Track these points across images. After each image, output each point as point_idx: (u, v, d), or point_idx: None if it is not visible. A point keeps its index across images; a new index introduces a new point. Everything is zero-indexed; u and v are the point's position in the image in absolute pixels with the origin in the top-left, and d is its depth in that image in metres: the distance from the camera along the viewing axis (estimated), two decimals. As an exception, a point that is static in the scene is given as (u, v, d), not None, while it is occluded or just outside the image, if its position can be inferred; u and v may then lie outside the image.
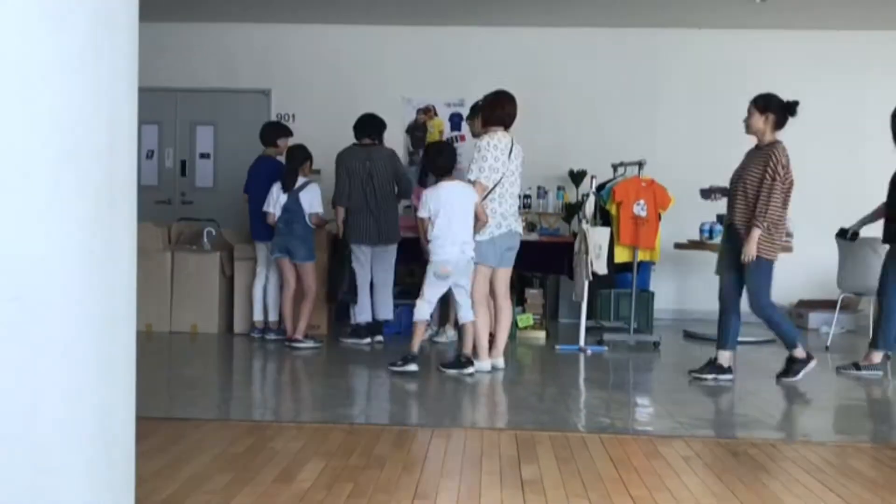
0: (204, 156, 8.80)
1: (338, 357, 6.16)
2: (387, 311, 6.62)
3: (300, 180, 6.33)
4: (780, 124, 5.28)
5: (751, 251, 5.13)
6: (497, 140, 5.38)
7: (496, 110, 5.48)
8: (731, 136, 8.27)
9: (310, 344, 6.31)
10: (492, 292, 5.54)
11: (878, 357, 5.73)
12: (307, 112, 8.55)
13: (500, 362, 5.57)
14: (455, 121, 8.62)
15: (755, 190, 5.19)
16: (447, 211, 5.27)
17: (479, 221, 5.34)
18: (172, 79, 8.49)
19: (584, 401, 4.89)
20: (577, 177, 8.16)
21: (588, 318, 6.77)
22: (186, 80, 8.62)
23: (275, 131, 6.86)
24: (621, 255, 6.68)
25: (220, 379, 5.65)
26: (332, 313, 7.15)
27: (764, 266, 5.21)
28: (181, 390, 4.91)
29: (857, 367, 5.75)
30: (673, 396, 4.97)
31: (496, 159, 5.34)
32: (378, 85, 8.39)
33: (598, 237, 6.37)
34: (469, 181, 5.38)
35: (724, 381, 5.35)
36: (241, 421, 4.15)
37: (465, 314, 5.39)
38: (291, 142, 6.74)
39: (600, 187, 6.86)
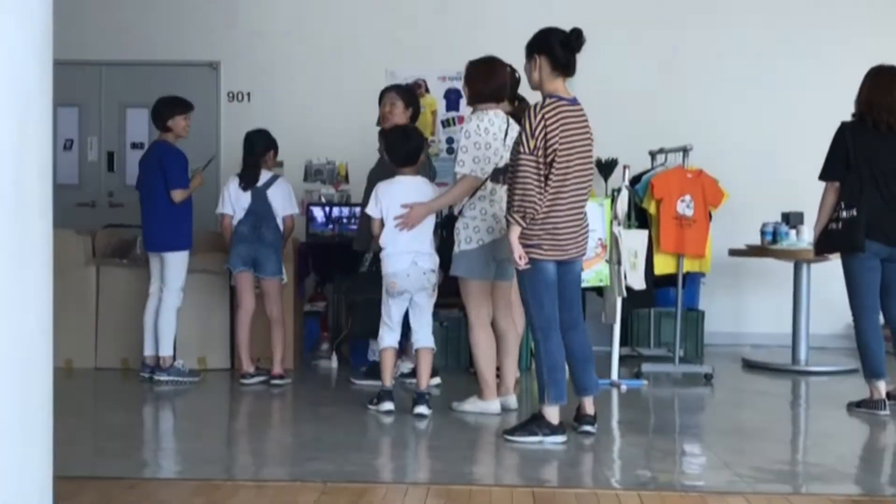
0: (136, 146, 8.78)
1: (306, 397, 6.15)
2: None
3: (264, 175, 6.35)
4: (560, 67, 4.70)
5: (515, 253, 4.62)
6: (488, 122, 5.31)
7: (491, 82, 5.37)
8: (796, 113, 8.36)
9: (256, 380, 6.28)
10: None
11: None
12: (266, 90, 8.55)
13: (512, 401, 5.57)
14: (452, 98, 8.62)
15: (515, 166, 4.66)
16: (397, 213, 5.31)
17: None
18: (96, 50, 8.49)
19: (617, 449, 4.89)
20: (605, 167, 8.15)
21: (622, 344, 6.78)
22: (114, 52, 8.62)
23: (166, 110, 6.51)
24: (663, 266, 6.68)
25: (157, 426, 5.65)
26: (302, 343, 7.15)
27: (533, 269, 4.67)
28: (109, 442, 4.89)
29: None
30: (730, 442, 4.97)
31: (488, 146, 5.27)
32: (355, 55, 8.39)
33: (633, 242, 6.37)
34: (455, 175, 5.34)
35: (552, 444, 4.72)
36: (186, 479, 4.14)
37: (420, 339, 5.45)
38: (250, 125, 6.72)
39: (635, 180, 6.87)
